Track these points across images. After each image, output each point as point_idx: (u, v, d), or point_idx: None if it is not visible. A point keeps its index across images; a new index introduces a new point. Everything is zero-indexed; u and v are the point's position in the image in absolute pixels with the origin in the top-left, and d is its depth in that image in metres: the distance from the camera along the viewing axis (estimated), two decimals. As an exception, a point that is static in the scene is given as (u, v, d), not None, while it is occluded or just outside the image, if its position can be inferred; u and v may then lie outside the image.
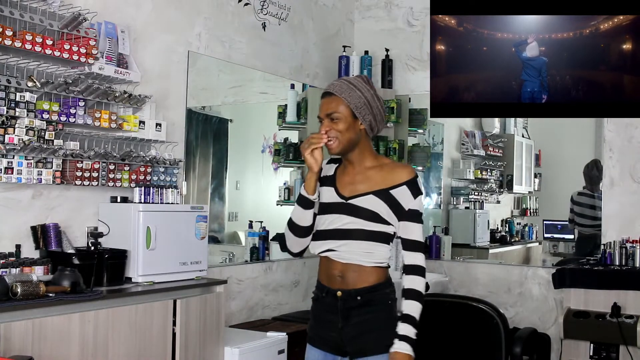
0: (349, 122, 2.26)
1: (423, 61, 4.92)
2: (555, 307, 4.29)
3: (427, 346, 3.51)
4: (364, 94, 2.27)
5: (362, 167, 2.31)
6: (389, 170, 2.29)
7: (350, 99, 2.25)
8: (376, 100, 2.30)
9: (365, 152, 2.31)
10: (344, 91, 2.26)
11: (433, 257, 4.81)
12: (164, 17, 3.66)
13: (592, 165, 4.99)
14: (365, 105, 2.26)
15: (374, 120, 2.29)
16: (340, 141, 2.27)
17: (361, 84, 2.29)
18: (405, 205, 2.26)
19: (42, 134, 2.90)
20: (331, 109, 2.27)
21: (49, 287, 2.58)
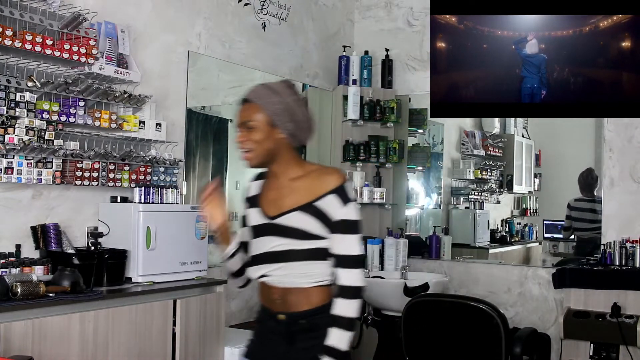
0: (266, 131, 2.05)
1: (423, 61, 4.92)
2: (555, 307, 4.28)
3: (427, 346, 3.52)
4: (285, 99, 2.06)
5: (286, 180, 2.11)
6: (315, 179, 2.07)
7: (267, 105, 2.04)
8: (300, 107, 2.09)
9: (288, 163, 2.11)
10: (260, 97, 2.06)
11: (433, 257, 4.81)
12: (164, 17, 3.66)
13: (587, 173, 5.03)
14: (285, 112, 2.05)
15: (296, 128, 2.08)
16: (257, 153, 2.08)
17: (282, 88, 2.09)
18: (332, 215, 2.03)
19: (42, 134, 2.90)
20: (246, 117, 2.07)
21: (49, 287, 2.58)
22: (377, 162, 4.84)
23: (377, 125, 4.90)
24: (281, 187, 2.12)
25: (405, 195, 5.11)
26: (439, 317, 3.45)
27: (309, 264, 2.05)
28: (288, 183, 2.11)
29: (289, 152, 2.11)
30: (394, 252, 4.50)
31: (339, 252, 2.03)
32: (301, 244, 2.04)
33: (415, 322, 3.50)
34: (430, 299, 3.61)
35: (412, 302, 3.54)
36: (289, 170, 2.12)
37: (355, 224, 2.06)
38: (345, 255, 2.03)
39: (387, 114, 4.85)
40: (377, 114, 4.84)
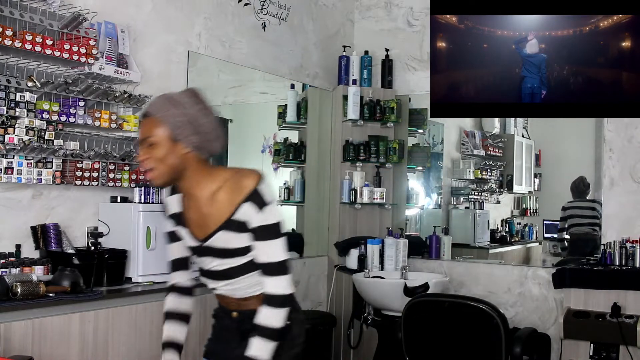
0: (169, 147, 1.93)
1: (423, 61, 4.92)
2: (555, 307, 4.28)
3: (427, 346, 3.52)
4: (187, 110, 1.93)
5: (203, 196, 1.99)
6: (229, 189, 1.96)
7: (167, 119, 1.92)
8: (205, 117, 1.96)
9: (198, 178, 1.98)
10: (160, 110, 1.93)
11: (433, 257, 4.81)
12: (164, 17, 3.66)
13: (579, 181, 5.11)
14: (187, 124, 1.92)
15: (202, 140, 1.95)
16: (160, 171, 1.95)
17: (184, 98, 1.96)
18: (250, 223, 1.94)
19: (42, 134, 2.90)
20: (145, 133, 1.94)
21: (49, 287, 2.58)
22: (377, 162, 4.84)
23: (377, 125, 4.90)
24: (200, 206, 2.01)
25: (405, 195, 5.11)
26: (439, 317, 3.45)
27: (254, 275, 2.01)
28: (205, 200, 1.99)
29: (197, 166, 1.98)
30: (394, 252, 4.50)
31: (262, 261, 1.96)
32: (238, 260, 1.99)
33: (415, 322, 3.50)
34: (430, 299, 3.61)
35: (412, 302, 3.54)
36: (201, 186, 1.99)
37: (274, 227, 1.97)
38: (268, 263, 1.96)
39: (387, 114, 4.85)
40: (377, 114, 4.84)
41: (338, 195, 4.84)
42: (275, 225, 1.97)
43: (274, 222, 1.97)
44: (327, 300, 4.84)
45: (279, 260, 1.97)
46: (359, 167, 4.85)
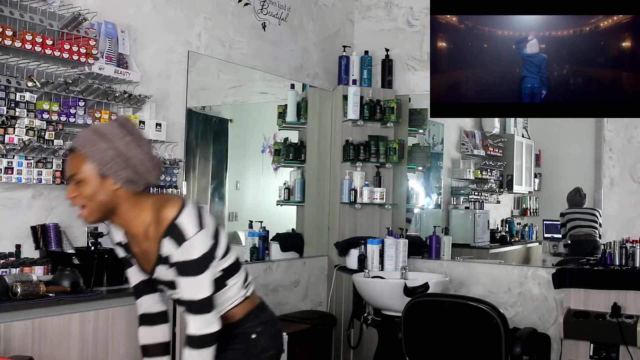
0: (97, 183, 1.85)
1: (423, 61, 4.92)
2: (555, 307, 4.28)
3: (427, 346, 3.52)
4: (115, 143, 1.83)
5: (139, 233, 1.93)
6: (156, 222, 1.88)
7: (93, 154, 1.82)
8: (137, 147, 1.86)
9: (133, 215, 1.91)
10: (86, 145, 1.84)
11: (433, 257, 4.81)
12: (164, 17, 3.66)
13: (575, 192, 5.18)
14: (116, 159, 1.83)
15: (133, 174, 1.86)
16: (90, 209, 1.88)
17: (112, 130, 1.86)
18: (172, 259, 1.87)
19: (42, 134, 2.90)
20: (73, 170, 1.86)
21: (49, 287, 2.58)
22: (377, 162, 4.84)
23: (377, 125, 4.90)
24: (139, 243, 1.97)
25: (405, 195, 5.11)
26: (439, 317, 3.45)
27: None
28: (141, 237, 1.94)
29: (129, 201, 1.90)
30: (394, 252, 4.50)
31: (184, 298, 1.89)
32: None
33: (415, 322, 3.50)
34: (430, 299, 3.60)
35: (412, 302, 3.54)
36: (135, 223, 1.92)
37: (195, 264, 1.86)
38: (189, 301, 1.88)
39: (387, 114, 4.85)
40: (377, 114, 4.84)
41: (338, 195, 4.84)
42: (196, 261, 1.86)
43: (195, 257, 1.86)
44: (327, 300, 4.84)
45: (200, 299, 1.87)
46: (359, 167, 4.85)
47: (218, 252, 1.95)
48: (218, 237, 1.95)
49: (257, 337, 2.05)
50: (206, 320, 1.88)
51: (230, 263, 2.01)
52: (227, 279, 1.99)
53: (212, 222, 1.94)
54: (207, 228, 1.90)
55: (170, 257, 1.88)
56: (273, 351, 2.10)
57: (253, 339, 2.04)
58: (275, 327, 2.14)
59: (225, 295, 2.01)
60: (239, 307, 2.05)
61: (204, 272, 1.87)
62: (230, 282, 2.01)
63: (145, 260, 1.98)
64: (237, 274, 2.04)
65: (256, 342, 2.05)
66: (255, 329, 2.05)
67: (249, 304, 2.08)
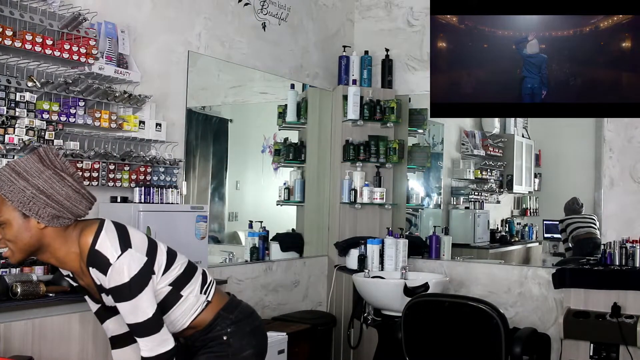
0: (20, 225, 1.76)
1: (423, 61, 4.92)
2: (555, 307, 4.28)
3: (427, 346, 3.52)
4: (34, 179, 1.74)
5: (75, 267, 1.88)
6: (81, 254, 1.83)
7: (12, 195, 1.74)
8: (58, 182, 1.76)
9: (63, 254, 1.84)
10: (3, 185, 1.75)
11: (433, 257, 4.81)
12: (164, 17, 3.66)
13: (573, 202, 5.21)
14: (36, 196, 1.74)
15: (58, 209, 1.77)
16: (14, 250, 1.80)
17: (30, 166, 1.76)
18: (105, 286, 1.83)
19: (42, 134, 2.90)
20: None
21: (49, 287, 2.58)
22: (377, 162, 4.84)
23: (377, 125, 4.90)
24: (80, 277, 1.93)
25: (405, 195, 5.11)
26: (439, 317, 3.45)
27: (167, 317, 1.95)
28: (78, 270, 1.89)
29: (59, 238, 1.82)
30: (394, 252, 4.50)
31: (128, 322, 1.86)
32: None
33: (415, 322, 3.50)
34: (430, 299, 3.60)
35: (412, 302, 3.54)
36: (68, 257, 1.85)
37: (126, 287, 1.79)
38: (132, 324, 1.85)
39: (387, 114, 4.85)
40: (377, 114, 4.84)
41: (338, 195, 4.84)
42: (127, 284, 1.79)
43: (125, 280, 1.80)
44: (327, 300, 4.84)
45: (143, 320, 1.83)
46: (359, 167, 4.85)
47: (156, 267, 1.88)
48: (155, 252, 1.89)
49: (229, 339, 2.02)
50: (156, 340, 1.84)
51: (178, 273, 1.96)
52: (180, 290, 1.95)
53: (142, 238, 1.87)
54: (135, 246, 1.83)
55: (103, 284, 1.82)
56: (251, 349, 2.05)
57: (225, 341, 2.01)
58: (251, 324, 2.09)
59: (185, 306, 1.97)
60: (204, 313, 2.01)
61: (140, 294, 1.81)
62: (186, 292, 1.96)
63: (92, 291, 1.94)
64: (190, 282, 1.99)
65: (229, 343, 2.01)
66: (226, 329, 2.02)
67: (214, 307, 2.04)
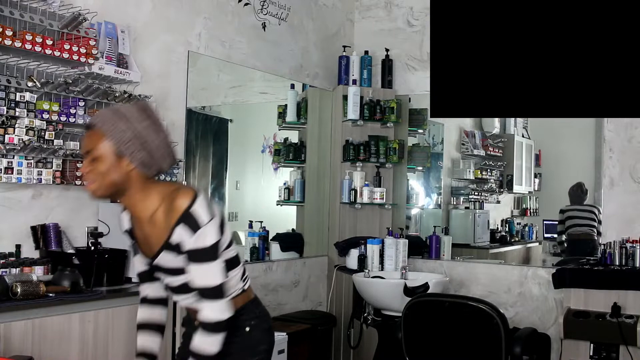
0: (112, 162, 1.86)
1: (423, 61, 4.93)
2: (555, 307, 4.28)
3: (427, 346, 3.52)
4: (134, 125, 1.86)
5: (144, 217, 1.95)
6: (167, 209, 1.90)
7: (112, 133, 1.85)
8: (155, 132, 1.89)
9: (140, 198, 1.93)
10: (105, 123, 1.86)
11: (433, 257, 4.81)
12: (164, 17, 3.66)
13: (577, 187, 5.14)
14: (134, 140, 1.85)
15: (148, 157, 1.88)
16: (100, 184, 1.89)
17: (133, 113, 1.88)
18: (185, 246, 1.89)
19: (42, 134, 2.90)
20: (89, 146, 1.88)
21: (49, 287, 2.58)
22: (377, 162, 4.84)
23: (377, 125, 4.90)
24: (143, 226, 1.98)
25: (405, 195, 5.11)
26: (439, 317, 3.45)
27: None
28: (146, 221, 1.96)
29: (139, 184, 1.92)
30: (394, 252, 4.50)
31: (197, 285, 1.91)
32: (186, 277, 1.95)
33: (415, 322, 3.50)
34: (430, 299, 3.60)
35: (412, 302, 3.54)
36: (141, 207, 1.94)
37: (209, 250, 1.89)
38: (203, 288, 1.90)
39: (387, 114, 4.85)
40: (377, 114, 4.84)
41: (338, 195, 4.84)
42: (210, 248, 1.89)
43: (209, 244, 1.89)
44: (327, 300, 4.84)
45: (214, 285, 1.90)
46: (359, 167, 4.85)
47: (223, 243, 1.97)
48: (223, 229, 1.98)
49: (251, 330, 2.06)
50: (221, 306, 1.91)
51: (232, 255, 2.04)
52: (228, 270, 2.01)
53: (219, 214, 1.98)
54: (216, 218, 1.93)
55: (182, 244, 1.89)
56: (266, 345, 2.11)
57: (247, 332, 2.05)
58: (268, 323, 2.16)
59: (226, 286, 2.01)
60: (236, 299, 2.06)
61: (217, 260, 1.91)
62: (231, 274, 2.03)
63: (147, 245, 2.00)
64: (237, 267, 2.07)
65: (250, 335, 2.06)
66: (250, 322, 2.06)
67: (245, 297, 2.10)
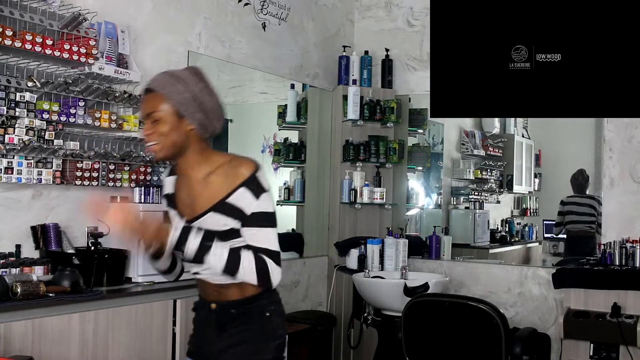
0: (173, 123, 1.96)
1: (423, 61, 4.93)
2: (555, 307, 4.28)
3: (427, 346, 3.52)
4: (190, 87, 1.96)
5: (197, 177, 2.01)
6: (225, 173, 1.97)
7: (172, 95, 1.94)
8: (209, 95, 2.00)
9: (197, 158, 2.00)
10: (164, 86, 1.96)
11: (433, 257, 4.81)
12: (164, 17, 3.66)
13: (579, 174, 5.12)
14: (192, 101, 1.96)
15: (205, 118, 1.98)
16: (164, 145, 1.97)
17: (188, 76, 1.99)
18: (247, 209, 1.94)
19: (42, 134, 2.90)
20: (150, 108, 1.97)
21: (49, 287, 2.58)
22: (377, 162, 4.84)
23: (377, 125, 4.90)
24: (192, 186, 2.02)
25: (405, 195, 5.11)
26: (439, 317, 3.45)
27: None
28: (198, 181, 2.00)
29: (198, 144, 2.01)
30: (394, 252, 4.50)
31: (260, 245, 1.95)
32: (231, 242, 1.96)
33: (415, 322, 3.50)
34: (430, 299, 3.61)
35: (412, 302, 3.54)
36: (197, 168, 2.01)
37: (271, 216, 1.98)
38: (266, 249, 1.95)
39: (387, 114, 4.85)
40: (377, 114, 4.84)
41: (338, 195, 4.84)
42: (272, 214, 1.99)
43: (271, 210, 1.98)
44: (327, 300, 4.84)
45: (276, 250, 1.97)
46: (359, 167, 4.85)
47: None
48: None
49: (271, 315, 2.05)
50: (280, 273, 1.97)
51: None
52: None
53: None
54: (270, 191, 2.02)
55: (244, 208, 1.94)
56: (282, 330, 2.10)
57: (268, 317, 2.04)
58: (282, 307, 2.15)
59: None
60: None
61: (275, 226, 1.99)
62: None
63: (192, 206, 2.02)
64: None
65: (270, 320, 2.04)
66: (270, 307, 2.05)
67: None
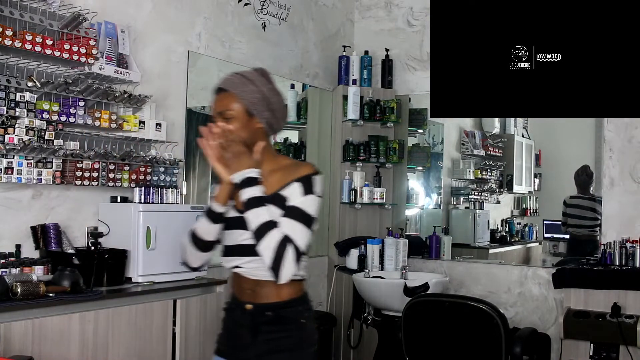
0: (244, 121, 2.05)
1: (423, 61, 4.93)
2: (555, 307, 4.29)
3: (427, 346, 3.52)
4: (260, 87, 2.07)
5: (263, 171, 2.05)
6: (286, 172, 2.05)
7: (243, 95, 2.05)
8: (275, 95, 2.11)
9: (263, 155, 2.07)
10: (236, 86, 2.06)
11: (433, 257, 4.81)
12: (164, 17, 3.66)
13: (582, 171, 5.08)
14: (261, 101, 2.06)
15: (272, 117, 2.09)
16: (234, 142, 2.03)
17: (257, 77, 2.10)
18: (291, 200, 1.99)
19: (42, 134, 2.90)
20: (223, 107, 2.06)
21: (49, 287, 2.58)
22: (377, 162, 4.85)
23: (377, 125, 4.90)
24: None
25: (405, 195, 5.11)
26: (439, 317, 3.45)
27: None
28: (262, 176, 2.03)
29: (264, 142, 2.09)
30: (394, 252, 4.50)
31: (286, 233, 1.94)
32: None
33: (415, 322, 3.50)
34: (430, 299, 3.61)
35: (412, 302, 3.54)
36: (264, 163, 2.07)
37: (310, 218, 1.98)
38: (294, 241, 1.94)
39: (387, 114, 4.85)
40: (377, 114, 4.84)
41: (338, 195, 4.84)
42: (311, 216, 2.00)
43: (312, 213, 2.00)
44: (327, 300, 4.84)
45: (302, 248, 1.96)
46: (359, 167, 4.86)
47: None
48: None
49: (306, 322, 2.07)
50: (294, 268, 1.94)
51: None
52: None
53: None
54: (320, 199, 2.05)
55: (289, 198, 1.99)
56: (316, 336, 2.13)
57: (304, 324, 2.06)
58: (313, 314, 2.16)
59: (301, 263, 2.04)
60: (295, 284, 2.04)
61: (311, 229, 2.00)
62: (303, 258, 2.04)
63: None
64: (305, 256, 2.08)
65: (306, 325, 2.07)
66: (304, 313, 2.08)
67: (301, 287, 2.10)
